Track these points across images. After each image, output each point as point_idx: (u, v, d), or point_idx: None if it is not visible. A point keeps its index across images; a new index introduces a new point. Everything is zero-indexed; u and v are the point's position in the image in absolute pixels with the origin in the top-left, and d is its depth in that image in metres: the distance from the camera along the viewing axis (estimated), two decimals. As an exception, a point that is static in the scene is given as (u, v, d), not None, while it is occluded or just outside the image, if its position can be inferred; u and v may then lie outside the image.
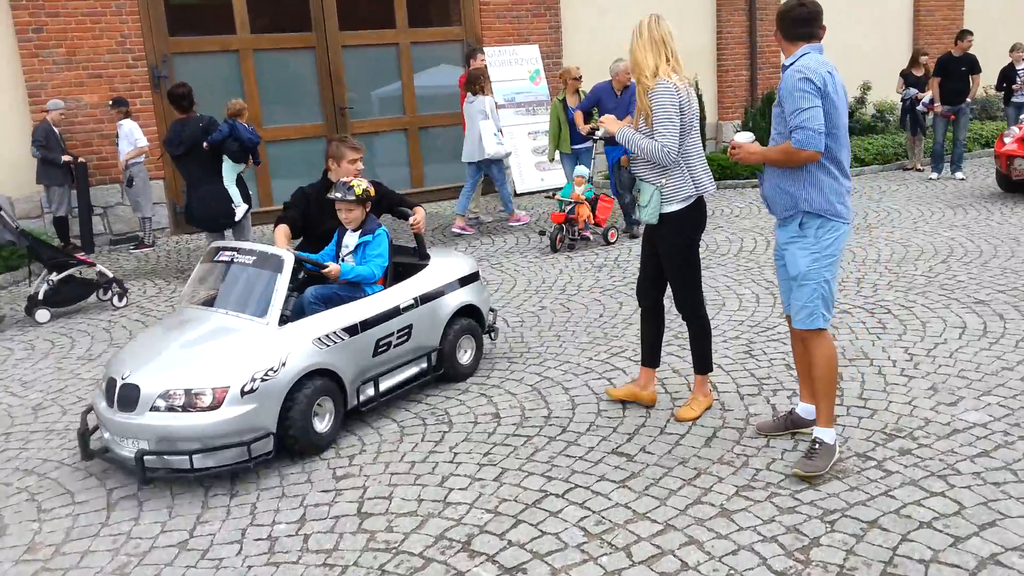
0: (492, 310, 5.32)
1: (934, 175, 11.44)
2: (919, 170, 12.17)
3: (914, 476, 3.46)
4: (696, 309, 4.13)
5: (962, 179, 11.24)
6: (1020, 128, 9.74)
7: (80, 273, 7.12)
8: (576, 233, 8.29)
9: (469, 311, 4.95)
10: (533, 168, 12.57)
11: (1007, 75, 12.20)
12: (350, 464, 3.89)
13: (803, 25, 3.54)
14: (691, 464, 3.69)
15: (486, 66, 10.56)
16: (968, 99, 11.05)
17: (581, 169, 8.61)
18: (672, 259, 4.04)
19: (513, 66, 12.80)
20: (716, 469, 3.63)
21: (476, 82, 9.59)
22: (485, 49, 12.41)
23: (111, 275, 7.24)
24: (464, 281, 4.96)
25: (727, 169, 11.82)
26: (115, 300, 7.16)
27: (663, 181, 3.91)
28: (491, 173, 9.62)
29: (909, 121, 12.08)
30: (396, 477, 3.73)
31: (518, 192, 12.27)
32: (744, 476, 3.56)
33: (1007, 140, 9.66)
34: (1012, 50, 12.24)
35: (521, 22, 12.84)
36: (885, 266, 6.90)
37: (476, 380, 4.86)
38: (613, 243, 8.36)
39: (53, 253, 6.98)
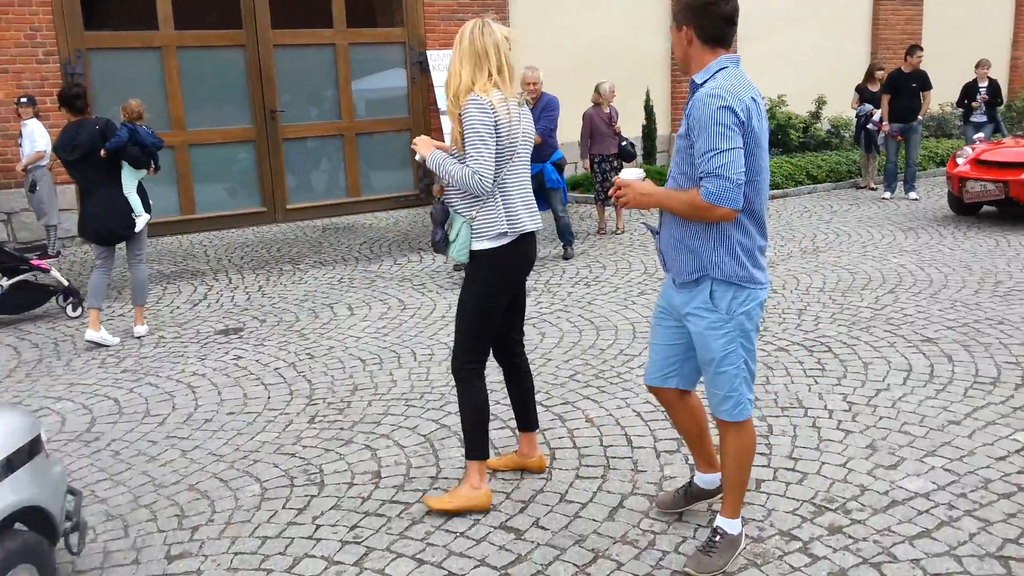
0: (73, 494, 2.98)
1: (887, 194, 11.11)
2: (872, 188, 11.84)
3: (844, 564, 2.96)
4: (465, 368, 3.38)
5: (915, 199, 10.92)
6: (973, 149, 9.41)
7: (36, 278, 6.71)
8: None
9: (27, 515, 2.68)
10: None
11: (968, 91, 11.92)
12: (191, 538, 3.30)
13: (728, 25, 2.75)
14: (589, 543, 3.15)
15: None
16: (919, 116, 10.73)
17: None
18: (465, 302, 3.36)
19: (458, 71, 12.27)
20: (617, 551, 3.10)
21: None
22: (428, 53, 11.89)
23: (66, 283, 6.73)
24: (10, 464, 2.63)
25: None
26: (69, 310, 6.66)
27: (473, 213, 3.27)
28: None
29: (863, 138, 11.75)
30: (239, 559, 3.14)
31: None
32: (648, 561, 3.03)
33: (960, 161, 9.33)
34: (977, 66, 11.96)
35: (467, 25, 12.29)
36: (830, 295, 6.46)
37: (365, 427, 4.29)
38: None
39: (4, 257, 6.59)
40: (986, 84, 11.82)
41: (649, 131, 12.71)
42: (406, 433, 4.18)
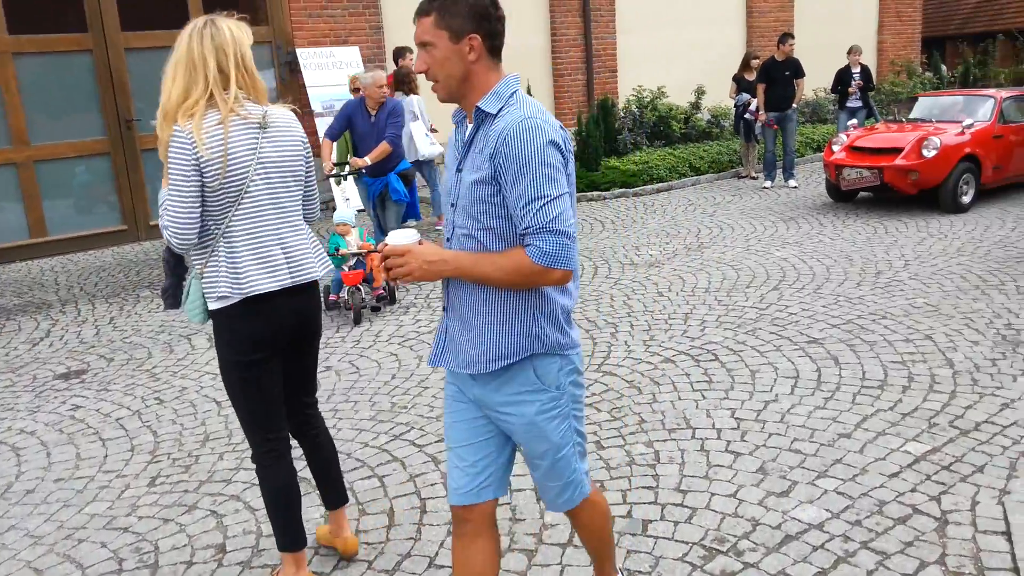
0: None
1: (767, 183, 11.17)
2: (753, 178, 11.92)
3: (737, 619, 2.71)
4: (260, 456, 2.82)
5: (795, 187, 11.02)
6: (848, 135, 9.51)
7: None
8: (373, 295, 6.39)
9: None
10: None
11: (842, 77, 12.09)
12: (-13, 654, 2.79)
13: (502, 36, 2.15)
14: (460, 618, 2.80)
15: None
16: (794, 104, 10.81)
17: (343, 214, 6.39)
18: (222, 373, 2.77)
19: (331, 70, 11.72)
20: (491, 625, 2.76)
21: (405, 81, 8.92)
22: (299, 51, 11.30)
23: None
24: None
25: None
26: None
27: (199, 267, 2.69)
28: (423, 174, 9.22)
29: (742, 128, 11.81)
30: None
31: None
32: (525, 635, 2.71)
33: (835, 148, 9.41)
34: (849, 52, 12.13)
35: (337, 21, 11.75)
36: (715, 296, 6.31)
37: (212, 487, 3.81)
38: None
39: None
40: (859, 70, 12.03)
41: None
42: (258, 493, 3.73)
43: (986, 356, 4.78)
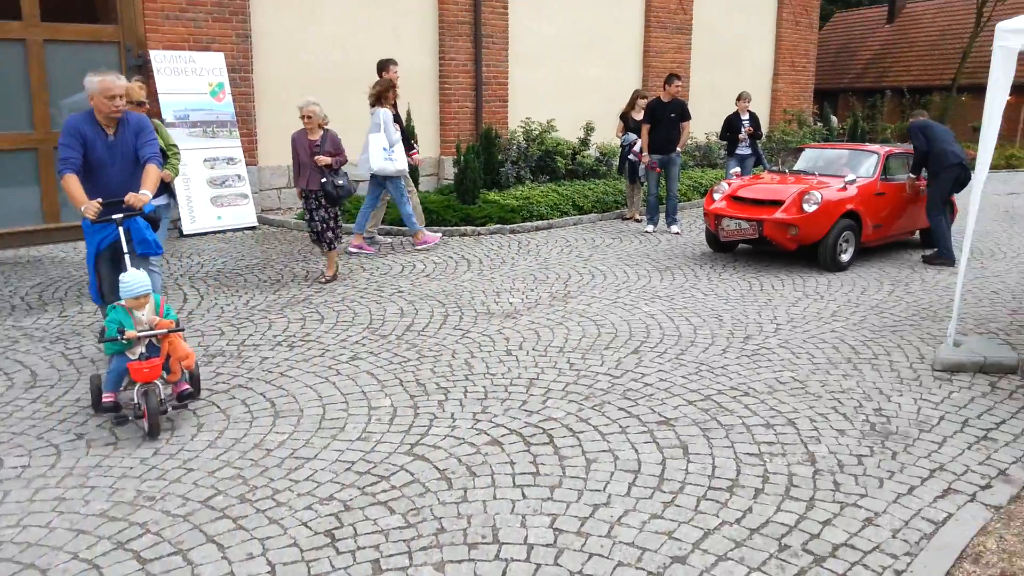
0: None
1: (649, 228, 10.68)
2: (637, 220, 11.43)
3: None
4: None
5: (677, 233, 10.56)
6: (729, 184, 9.06)
7: None
8: (174, 392, 4.52)
9: None
10: (208, 203, 10.48)
11: (731, 124, 11.76)
12: None
13: None
14: None
15: (397, 77, 9.32)
16: (679, 148, 10.37)
17: (137, 281, 4.38)
18: None
19: (188, 76, 10.68)
20: None
21: (383, 93, 8.75)
22: (152, 53, 10.24)
23: None
24: None
25: (436, 214, 10.31)
26: None
27: None
28: (388, 189, 8.99)
29: (628, 168, 11.32)
30: None
31: (185, 233, 10.12)
32: None
33: (716, 196, 8.94)
34: (738, 99, 11.82)
35: (199, 26, 10.72)
36: (569, 358, 5.61)
37: None
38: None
39: None
40: (747, 117, 11.74)
41: (410, 154, 11.62)
42: None
43: (852, 450, 4.20)
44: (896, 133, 21.63)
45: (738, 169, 10.15)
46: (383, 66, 9.30)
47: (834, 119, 20.94)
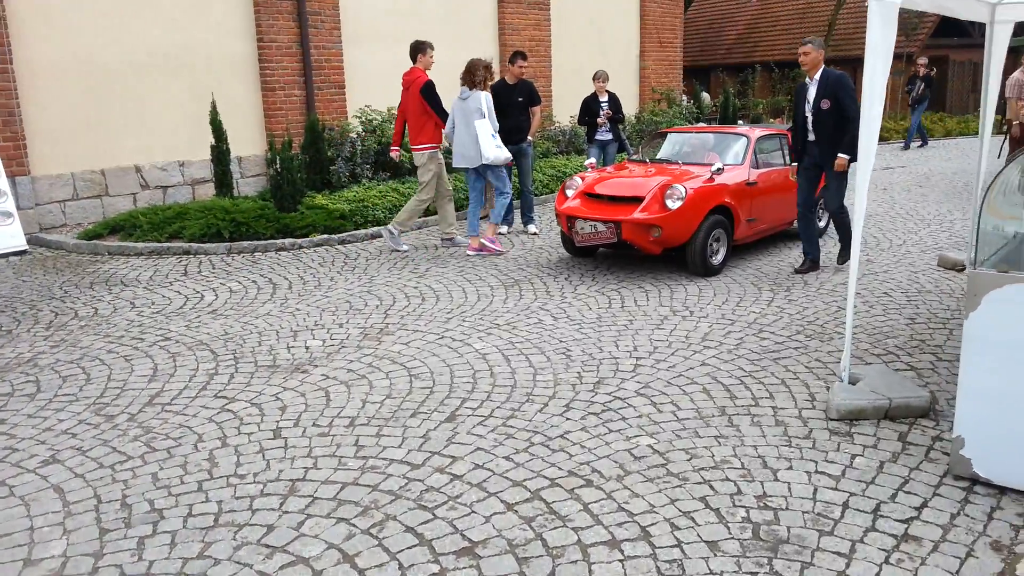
0: None
1: (503, 228, 9.31)
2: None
3: None
4: None
5: (535, 233, 9.24)
6: (583, 178, 7.74)
7: None
8: None
9: None
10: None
11: (589, 106, 10.40)
12: None
13: None
14: None
15: (432, 62, 8.43)
16: (530, 136, 9.01)
17: None
18: None
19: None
20: None
21: (473, 73, 7.97)
22: None
23: None
24: None
25: (245, 226, 8.58)
26: None
27: None
28: (490, 179, 8.29)
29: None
30: None
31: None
32: None
33: (569, 193, 7.60)
34: (595, 78, 10.42)
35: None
36: (358, 436, 4.13)
37: None
38: None
39: None
40: (606, 98, 10.42)
41: (221, 153, 9.85)
42: None
43: (727, 584, 2.90)
44: (768, 108, 21.05)
45: (593, 160, 8.80)
46: (419, 48, 8.39)
47: (706, 96, 20.16)
